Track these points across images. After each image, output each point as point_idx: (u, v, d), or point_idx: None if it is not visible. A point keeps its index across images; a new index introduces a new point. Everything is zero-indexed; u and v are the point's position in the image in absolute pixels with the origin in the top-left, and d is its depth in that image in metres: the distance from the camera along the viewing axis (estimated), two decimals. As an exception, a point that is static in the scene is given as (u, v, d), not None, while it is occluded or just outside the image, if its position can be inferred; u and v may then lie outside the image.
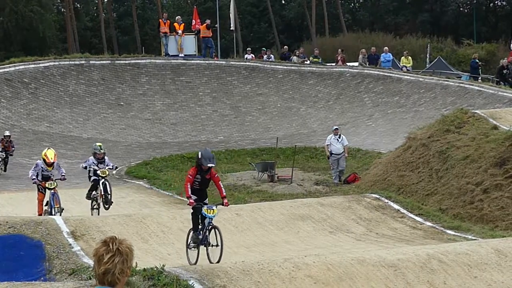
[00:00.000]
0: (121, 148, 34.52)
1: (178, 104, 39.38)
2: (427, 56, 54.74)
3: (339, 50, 45.81)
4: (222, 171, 29.04)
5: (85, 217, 18.67)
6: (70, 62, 40.12)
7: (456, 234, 18.54)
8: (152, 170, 29.40)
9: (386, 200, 21.04)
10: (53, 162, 19.93)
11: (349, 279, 13.28)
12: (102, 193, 20.43)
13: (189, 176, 15.71)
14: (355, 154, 29.98)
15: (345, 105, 38.83)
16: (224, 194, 15.93)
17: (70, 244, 16.42)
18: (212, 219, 15.67)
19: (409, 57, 43.31)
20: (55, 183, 19.90)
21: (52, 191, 19.77)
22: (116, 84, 39.75)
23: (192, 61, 41.58)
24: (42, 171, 19.89)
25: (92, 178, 20.71)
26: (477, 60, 43.49)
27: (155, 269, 12.77)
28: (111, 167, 20.94)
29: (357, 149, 30.99)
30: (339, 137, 26.78)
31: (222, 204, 15.82)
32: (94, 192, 20.73)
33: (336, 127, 27.70)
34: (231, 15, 49.92)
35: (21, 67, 38.54)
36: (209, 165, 15.44)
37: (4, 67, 38.34)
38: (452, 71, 48.01)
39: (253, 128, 37.78)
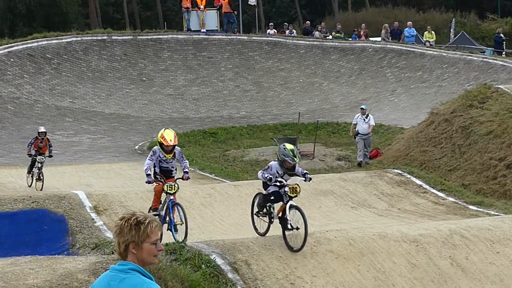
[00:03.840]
0: (143, 123, 34.60)
1: (200, 79, 39.36)
2: (451, 31, 54.23)
3: (362, 25, 45.54)
4: (244, 146, 29.07)
5: (108, 192, 18.74)
6: (93, 38, 40.18)
7: (479, 209, 18.48)
8: (174, 145, 29.36)
9: (409, 176, 20.99)
10: (174, 146, 14.47)
11: (371, 254, 13.29)
12: (290, 226, 13.37)
13: None
14: (378, 130, 29.84)
15: (368, 80, 38.64)
16: None
17: (93, 219, 16.54)
18: None
19: (433, 32, 43.03)
20: (176, 185, 14.47)
21: (172, 197, 14.44)
22: (138, 60, 39.79)
23: (214, 36, 41.49)
24: (160, 161, 14.56)
25: (271, 191, 13.88)
26: (501, 35, 43.12)
27: (177, 243, 12.85)
28: (297, 182, 13.80)
29: (380, 124, 30.84)
30: (366, 117, 25.96)
31: None
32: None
33: (363, 107, 26.75)
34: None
35: (43, 42, 38.67)
36: None
37: (27, 42, 38.48)
38: (476, 45, 47.56)
39: (275, 103, 37.70)
